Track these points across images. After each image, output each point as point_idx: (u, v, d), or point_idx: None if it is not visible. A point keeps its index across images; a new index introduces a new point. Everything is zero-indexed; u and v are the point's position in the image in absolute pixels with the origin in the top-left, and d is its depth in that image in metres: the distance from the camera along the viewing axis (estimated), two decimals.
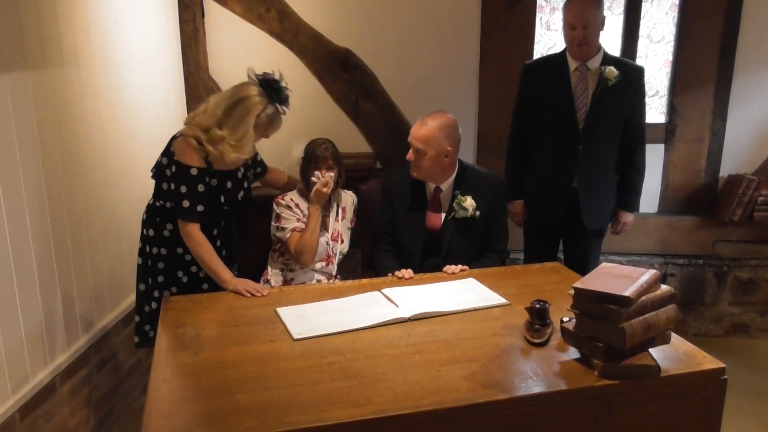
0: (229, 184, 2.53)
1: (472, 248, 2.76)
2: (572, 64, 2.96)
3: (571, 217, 3.07)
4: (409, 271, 2.56)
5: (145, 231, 2.60)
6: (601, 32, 2.94)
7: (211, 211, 2.49)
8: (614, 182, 3.09)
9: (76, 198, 2.72)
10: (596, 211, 3.07)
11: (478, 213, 2.70)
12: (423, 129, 2.65)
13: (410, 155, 2.69)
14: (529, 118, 3.10)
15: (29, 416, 2.39)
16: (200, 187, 2.42)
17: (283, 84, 2.46)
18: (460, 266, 2.60)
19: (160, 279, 2.58)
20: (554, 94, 2.99)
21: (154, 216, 2.56)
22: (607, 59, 2.95)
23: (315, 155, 2.71)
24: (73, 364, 2.67)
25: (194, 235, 2.43)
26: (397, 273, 2.55)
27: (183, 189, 2.40)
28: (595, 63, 2.93)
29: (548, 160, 3.07)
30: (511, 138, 3.20)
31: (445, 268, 2.60)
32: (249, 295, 2.35)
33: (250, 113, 2.37)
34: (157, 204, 2.54)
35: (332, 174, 2.70)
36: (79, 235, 2.73)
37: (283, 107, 2.47)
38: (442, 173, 2.72)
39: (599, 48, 2.95)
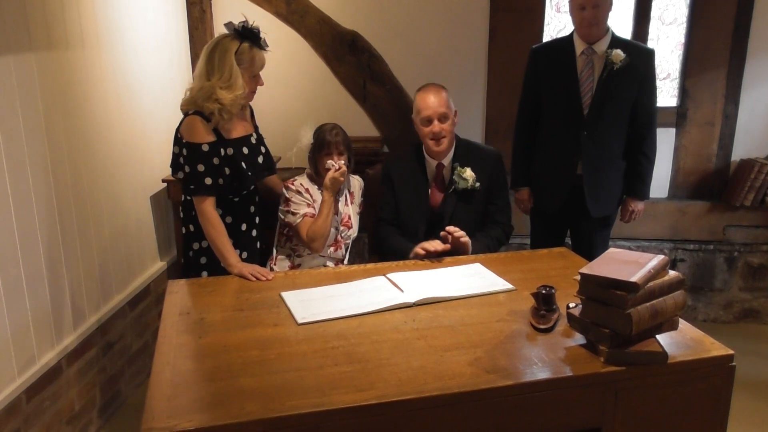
0: (245, 150, 2.52)
1: (475, 221, 2.76)
2: (579, 48, 2.91)
3: (576, 205, 3.02)
4: (437, 242, 2.53)
5: (184, 230, 2.60)
6: (610, 13, 2.87)
7: (237, 180, 2.48)
8: (621, 169, 3.03)
9: (82, 180, 2.72)
10: (601, 199, 3.02)
11: (478, 184, 2.70)
12: (439, 95, 2.69)
13: (437, 127, 2.67)
14: (535, 103, 3.06)
15: (35, 398, 2.41)
16: (215, 161, 2.42)
17: (251, 23, 2.44)
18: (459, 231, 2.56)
19: (204, 275, 2.56)
20: (560, 78, 2.95)
21: (189, 211, 2.54)
22: (615, 42, 2.88)
23: (326, 141, 2.69)
24: (80, 346, 2.69)
25: (208, 213, 2.43)
26: (426, 246, 2.51)
27: (201, 168, 2.40)
28: (602, 46, 2.87)
29: (552, 145, 3.03)
30: (518, 123, 3.16)
31: (447, 228, 2.56)
32: (254, 278, 2.35)
33: (227, 51, 2.38)
34: (188, 198, 2.52)
35: (344, 161, 2.68)
36: (84, 217, 2.73)
37: (261, 44, 2.46)
38: (449, 144, 2.74)
39: (607, 30, 2.89)
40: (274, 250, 2.84)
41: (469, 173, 2.70)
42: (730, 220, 3.85)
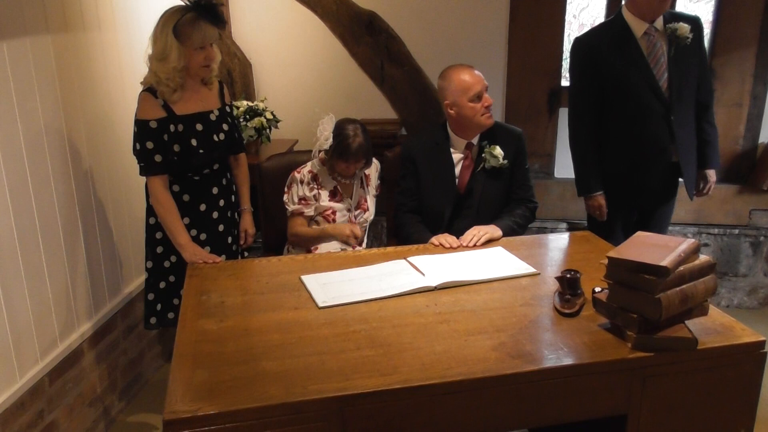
0: (199, 127, 2.46)
1: (503, 199, 2.75)
2: (639, 29, 2.71)
3: (663, 191, 2.93)
4: (453, 238, 2.49)
5: (146, 203, 2.58)
6: None
7: (186, 157, 2.43)
8: (696, 144, 2.91)
9: (100, 162, 2.71)
10: (690, 179, 2.91)
11: (506, 162, 2.68)
12: (475, 70, 2.68)
13: (488, 100, 2.65)
14: (598, 100, 2.82)
15: (58, 380, 2.42)
16: (165, 137, 2.39)
17: None
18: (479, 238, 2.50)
19: (159, 250, 2.56)
20: (627, 65, 2.73)
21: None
22: (666, 16, 2.74)
23: (347, 152, 2.61)
24: (101, 329, 2.70)
25: (157, 191, 2.41)
26: (442, 242, 2.48)
27: (149, 145, 2.38)
28: (659, 23, 2.73)
29: (635, 140, 2.81)
30: (581, 125, 2.89)
31: (465, 240, 2.49)
32: (203, 262, 2.35)
33: (167, 23, 2.34)
34: None
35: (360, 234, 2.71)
36: (103, 200, 2.73)
37: (209, 17, 2.35)
38: None
39: None
40: None
41: (498, 151, 2.67)
42: (757, 203, 3.76)
